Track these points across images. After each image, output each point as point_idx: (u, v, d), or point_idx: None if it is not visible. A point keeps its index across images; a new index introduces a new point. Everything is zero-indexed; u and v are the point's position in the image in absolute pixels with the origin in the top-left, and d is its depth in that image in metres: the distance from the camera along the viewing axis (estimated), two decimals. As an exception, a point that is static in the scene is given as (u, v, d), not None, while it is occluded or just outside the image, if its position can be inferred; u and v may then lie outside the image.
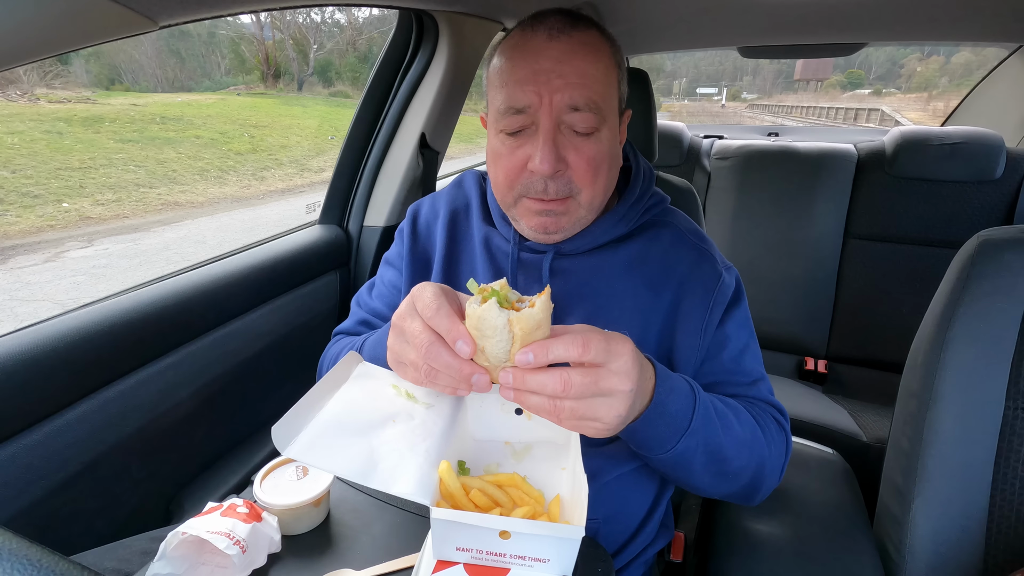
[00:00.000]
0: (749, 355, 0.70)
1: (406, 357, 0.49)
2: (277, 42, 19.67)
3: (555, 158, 0.59)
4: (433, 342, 0.46)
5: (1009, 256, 0.68)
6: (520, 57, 0.60)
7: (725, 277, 0.68)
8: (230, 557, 0.50)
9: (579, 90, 0.58)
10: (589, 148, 0.61)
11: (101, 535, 0.84)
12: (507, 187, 0.64)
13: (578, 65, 0.59)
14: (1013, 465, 0.67)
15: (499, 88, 0.62)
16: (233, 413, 1.09)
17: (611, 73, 0.62)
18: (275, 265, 1.15)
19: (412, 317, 0.48)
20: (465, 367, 0.46)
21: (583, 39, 0.60)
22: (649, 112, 0.96)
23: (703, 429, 0.55)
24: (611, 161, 0.64)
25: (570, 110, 0.59)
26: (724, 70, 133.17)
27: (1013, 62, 1.86)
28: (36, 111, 8.38)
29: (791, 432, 0.70)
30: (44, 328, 0.77)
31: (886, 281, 1.65)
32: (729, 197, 1.85)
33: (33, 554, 0.27)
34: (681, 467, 0.57)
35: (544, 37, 0.60)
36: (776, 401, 0.70)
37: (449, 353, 0.46)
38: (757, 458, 0.62)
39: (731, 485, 0.62)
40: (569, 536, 0.42)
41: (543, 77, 0.58)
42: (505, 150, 0.63)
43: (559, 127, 0.60)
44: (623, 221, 0.69)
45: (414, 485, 0.44)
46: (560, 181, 0.61)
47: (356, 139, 1.38)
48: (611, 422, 0.45)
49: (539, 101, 0.59)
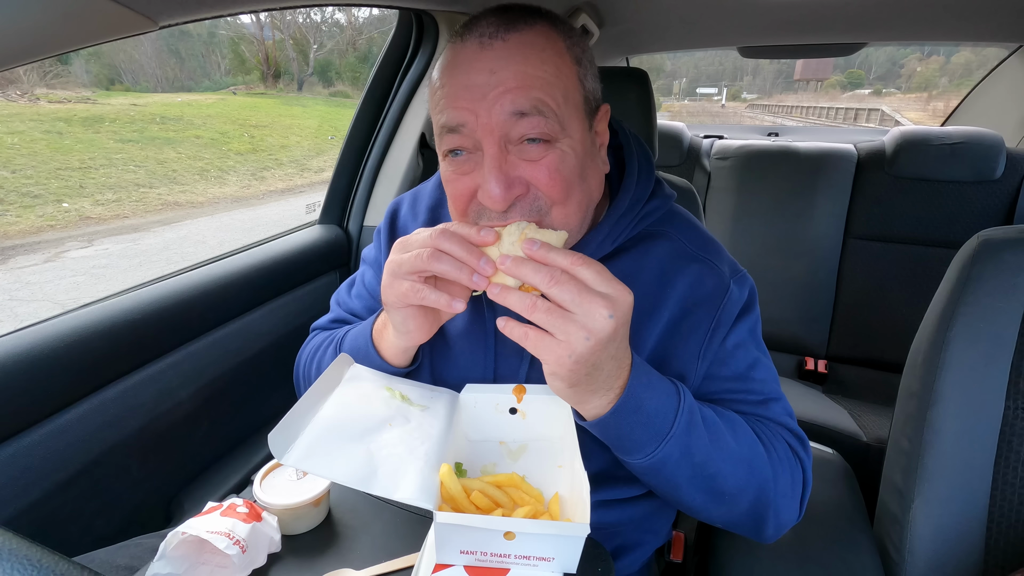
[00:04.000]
0: (759, 371, 0.62)
1: (404, 264, 0.51)
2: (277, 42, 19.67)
3: (506, 185, 0.50)
4: (443, 230, 0.50)
5: (1009, 256, 0.68)
6: (449, 74, 0.53)
7: (734, 290, 0.61)
8: (230, 557, 0.50)
9: (520, 93, 0.50)
10: (550, 159, 0.52)
11: (101, 535, 0.84)
12: (461, 217, 0.56)
13: (517, 69, 0.50)
14: (1013, 465, 0.67)
15: (436, 111, 0.55)
16: (233, 413, 1.09)
17: (565, 69, 0.53)
18: (275, 265, 1.15)
19: (407, 245, 0.52)
20: (475, 249, 0.48)
21: (522, 40, 0.51)
22: (649, 112, 0.96)
23: (687, 435, 0.51)
24: (581, 172, 0.55)
25: (515, 117, 0.50)
26: (724, 70, 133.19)
27: (1013, 62, 1.86)
28: (36, 111, 8.38)
29: None
30: (44, 328, 0.77)
31: (886, 281, 1.65)
32: (729, 197, 1.85)
33: (33, 554, 0.27)
34: (664, 478, 0.53)
35: (475, 47, 0.52)
36: (795, 426, 0.62)
37: (457, 238, 0.49)
38: (758, 480, 0.56)
39: (729, 509, 0.57)
40: (574, 534, 0.42)
41: (477, 92, 0.50)
42: (451, 176, 0.55)
43: (505, 146, 0.51)
44: (609, 239, 0.61)
45: (416, 490, 0.44)
46: (523, 205, 0.53)
47: (356, 139, 1.38)
48: (577, 348, 0.44)
49: (475, 119, 0.50)
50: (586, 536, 0.42)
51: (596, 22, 1.51)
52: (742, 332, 0.62)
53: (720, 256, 0.64)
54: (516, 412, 0.57)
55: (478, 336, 0.65)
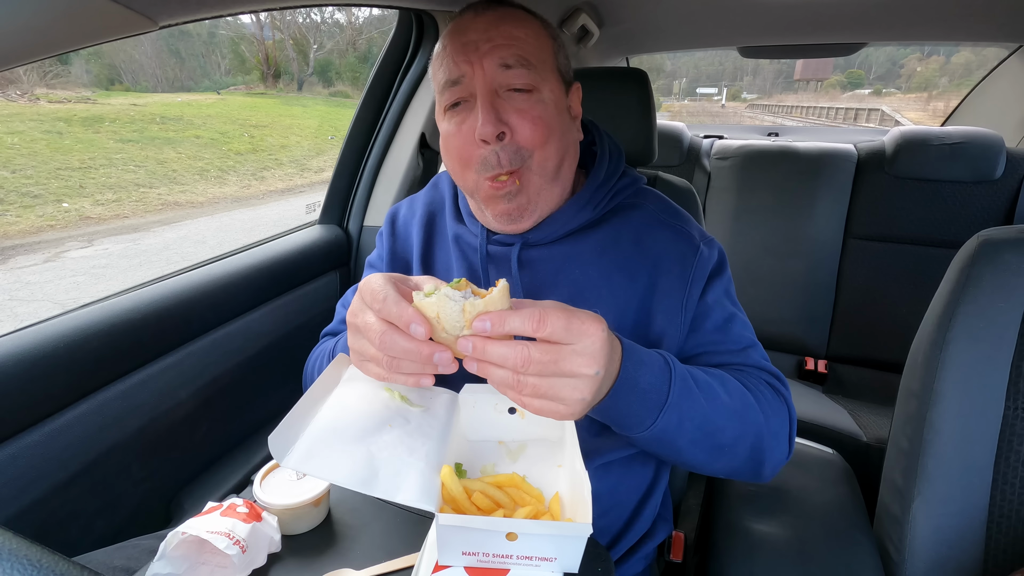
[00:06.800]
0: (737, 323, 0.68)
1: (367, 353, 0.48)
2: (277, 42, 19.67)
3: (496, 119, 0.60)
4: (386, 330, 0.45)
5: (1009, 256, 0.68)
6: (450, 37, 0.64)
7: (704, 250, 0.67)
8: (230, 557, 0.50)
9: (507, 48, 0.61)
10: (531, 108, 0.61)
11: (101, 535, 0.84)
12: (462, 168, 0.64)
13: (504, 29, 0.62)
14: (1013, 465, 0.67)
15: (437, 70, 0.65)
16: (233, 413, 1.09)
17: (543, 39, 0.64)
18: (275, 265, 1.15)
19: (363, 311, 0.48)
20: (424, 348, 0.45)
21: (509, 11, 0.64)
22: (649, 112, 0.96)
23: (683, 402, 0.53)
24: (559, 122, 0.64)
25: (502, 68, 0.60)
26: (724, 70, 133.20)
27: (1013, 62, 1.86)
28: (36, 111, 8.39)
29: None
30: (44, 328, 0.77)
31: (886, 281, 1.65)
32: (729, 197, 1.85)
33: (33, 554, 0.27)
34: (667, 444, 0.55)
35: (471, 14, 0.63)
36: (771, 367, 0.68)
37: (405, 338, 0.45)
38: (753, 427, 0.59)
39: (730, 460, 0.60)
40: (577, 534, 0.42)
41: (472, 47, 0.61)
42: (452, 127, 0.64)
43: (496, 92, 0.61)
44: (589, 206, 0.68)
45: (418, 492, 0.44)
46: (509, 148, 0.61)
47: (356, 139, 1.38)
48: (573, 406, 0.44)
49: (471, 69, 0.61)
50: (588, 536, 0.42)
51: (596, 22, 1.51)
52: (717, 291, 0.68)
53: (689, 223, 0.71)
54: (515, 412, 0.57)
55: None
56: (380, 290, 0.46)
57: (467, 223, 0.73)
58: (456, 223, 0.75)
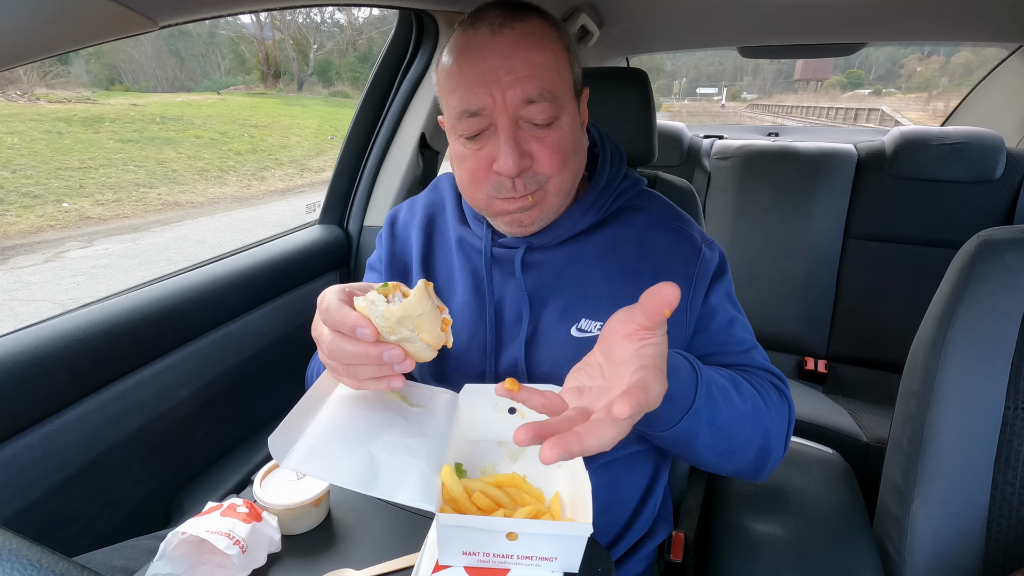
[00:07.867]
0: (739, 326, 0.68)
1: (330, 365, 0.50)
2: (277, 42, 19.67)
3: (519, 156, 0.58)
4: (333, 337, 0.47)
5: (1009, 256, 0.68)
6: (466, 59, 0.59)
7: (706, 252, 0.67)
8: (230, 557, 0.50)
9: (531, 82, 0.57)
10: (552, 138, 0.60)
11: (101, 535, 0.84)
12: (474, 189, 0.64)
13: (526, 56, 0.58)
14: (1013, 465, 0.67)
15: (451, 93, 0.61)
16: (233, 413, 1.09)
17: (561, 58, 0.61)
18: (275, 265, 1.15)
19: (318, 325, 0.49)
20: (371, 349, 0.46)
21: (526, 28, 0.59)
22: (649, 112, 0.96)
23: (706, 407, 0.53)
24: (575, 145, 0.63)
25: (525, 103, 0.58)
26: (724, 70, 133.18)
27: (1013, 62, 1.86)
28: (36, 111, 8.39)
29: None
30: (44, 328, 0.77)
31: (886, 281, 1.65)
32: (729, 197, 1.85)
33: (33, 554, 0.27)
34: (684, 445, 0.56)
35: (487, 34, 0.58)
36: (773, 367, 0.68)
37: (350, 342, 0.46)
38: (762, 431, 0.60)
39: (739, 462, 0.61)
40: (578, 534, 0.42)
41: (492, 76, 0.57)
42: (468, 153, 0.62)
43: (517, 123, 0.59)
44: (592, 210, 0.69)
45: (418, 492, 0.44)
46: (527, 176, 0.61)
47: (356, 139, 1.38)
48: (605, 447, 0.36)
49: (492, 102, 0.58)
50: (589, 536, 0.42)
51: (596, 22, 1.51)
52: (720, 293, 0.68)
53: (691, 226, 0.71)
54: (515, 412, 0.57)
55: (477, 311, 0.69)
56: (324, 301, 0.48)
57: (471, 225, 0.73)
58: (460, 225, 0.74)
